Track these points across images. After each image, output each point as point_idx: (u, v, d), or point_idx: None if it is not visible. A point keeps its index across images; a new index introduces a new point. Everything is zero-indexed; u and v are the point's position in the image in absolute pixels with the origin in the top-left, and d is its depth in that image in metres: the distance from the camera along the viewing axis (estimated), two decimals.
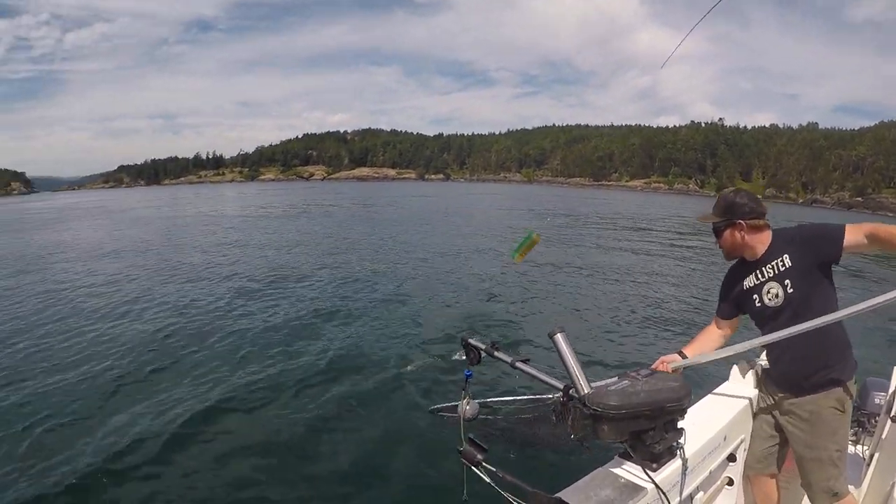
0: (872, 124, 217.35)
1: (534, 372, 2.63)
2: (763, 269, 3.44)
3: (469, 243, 27.24)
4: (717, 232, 3.57)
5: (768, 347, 3.63)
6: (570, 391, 2.44)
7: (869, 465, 4.11)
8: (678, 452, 2.59)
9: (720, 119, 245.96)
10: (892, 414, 3.31)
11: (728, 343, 3.75)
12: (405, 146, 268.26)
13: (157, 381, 9.53)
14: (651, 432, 2.38)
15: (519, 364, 2.69)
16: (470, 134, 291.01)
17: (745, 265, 3.56)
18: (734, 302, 3.69)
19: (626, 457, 2.56)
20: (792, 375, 3.48)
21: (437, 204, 68.64)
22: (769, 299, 3.43)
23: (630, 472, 2.50)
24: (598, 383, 2.38)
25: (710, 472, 3.20)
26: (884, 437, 3.84)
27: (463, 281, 17.82)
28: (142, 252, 24.45)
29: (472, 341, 2.90)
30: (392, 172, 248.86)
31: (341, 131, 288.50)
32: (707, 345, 3.75)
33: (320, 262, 20.40)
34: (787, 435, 3.56)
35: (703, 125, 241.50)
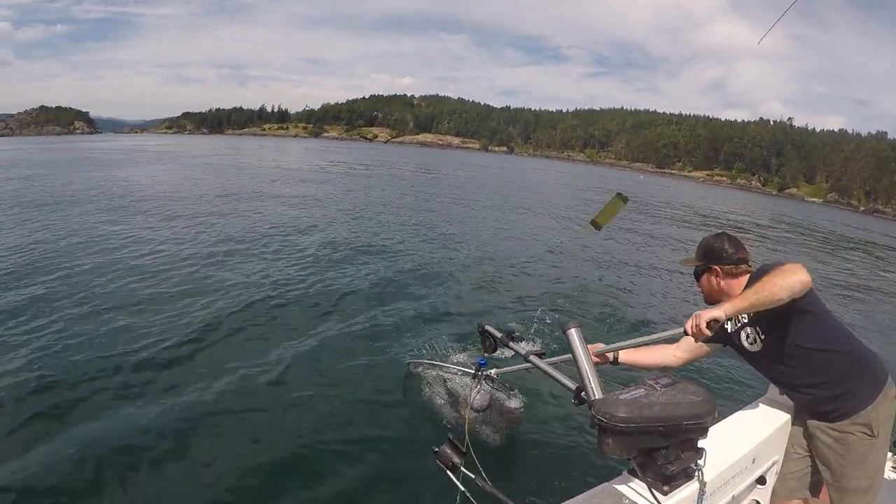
0: None
1: (547, 368, 2.60)
2: (742, 315, 3.31)
3: (523, 221, 26.99)
4: (696, 276, 3.53)
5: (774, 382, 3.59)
6: (582, 394, 2.40)
7: None
8: (696, 475, 2.33)
9: (789, 119, 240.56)
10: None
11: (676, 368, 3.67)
12: (471, 115, 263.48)
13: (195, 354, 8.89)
14: (664, 451, 2.15)
15: (532, 358, 2.66)
16: (537, 109, 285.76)
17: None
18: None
19: (636, 474, 2.34)
20: (808, 404, 3.34)
21: (499, 176, 67.89)
22: (749, 343, 3.37)
23: (637, 492, 2.31)
24: (619, 394, 2.17)
25: (734, 496, 3.03)
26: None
27: (513, 258, 17.62)
28: (206, 206, 24.13)
29: (488, 328, 2.89)
30: (456, 141, 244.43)
31: (408, 95, 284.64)
32: (651, 359, 3.72)
33: (367, 233, 19.92)
34: (818, 461, 3.37)
35: (771, 123, 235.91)
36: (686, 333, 2.80)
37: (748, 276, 3.34)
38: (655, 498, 2.22)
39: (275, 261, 14.62)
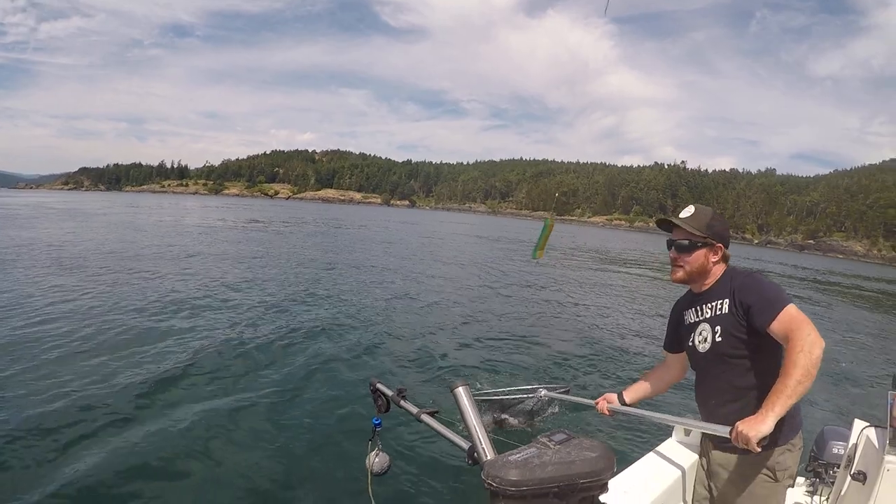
0: (827, 172, 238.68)
1: (439, 427, 2.45)
2: (703, 306, 3.14)
3: (429, 275, 26.07)
4: (687, 247, 3.12)
5: (696, 398, 3.32)
6: (475, 454, 2.20)
7: None
8: None
9: (682, 161, 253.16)
10: (852, 471, 3.16)
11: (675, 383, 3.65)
12: (373, 170, 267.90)
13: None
14: None
15: (424, 417, 2.51)
16: (438, 162, 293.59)
17: (690, 297, 3.28)
18: (677, 335, 3.41)
19: None
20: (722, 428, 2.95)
21: (402, 231, 67.89)
22: (699, 342, 3.14)
23: None
24: (509, 455, 1.94)
25: None
26: (843, 493, 3.60)
27: (417, 312, 17.00)
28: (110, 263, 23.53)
29: (379, 386, 2.76)
30: (358, 196, 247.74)
31: (309, 150, 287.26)
32: (651, 386, 3.65)
33: (258, 285, 19.52)
34: (717, 501, 3.23)
35: (665, 167, 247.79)
36: (735, 443, 2.64)
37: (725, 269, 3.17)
38: None
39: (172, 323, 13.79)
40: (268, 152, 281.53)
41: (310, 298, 17.37)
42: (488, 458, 2.06)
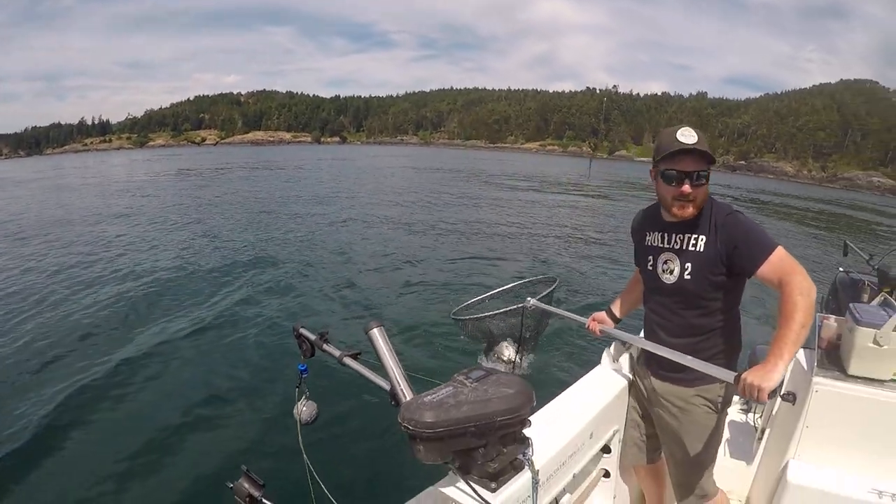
0: (757, 96, 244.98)
1: (361, 369, 2.36)
2: (674, 234, 2.90)
3: (365, 210, 26.49)
4: (705, 178, 2.78)
5: (644, 320, 3.22)
6: (396, 396, 2.17)
7: (760, 440, 4.18)
8: (525, 465, 2.15)
9: (615, 86, 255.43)
10: (782, 392, 2.99)
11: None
12: (301, 109, 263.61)
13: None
14: (482, 450, 1.97)
15: (347, 360, 2.41)
16: (367, 96, 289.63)
17: (656, 217, 3.04)
18: (636, 250, 3.23)
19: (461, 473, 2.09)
20: (664, 359, 2.98)
21: (333, 168, 67.42)
22: (663, 271, 2.96)
23: (465, 492, 2.08)
24: (424, 396, 1.96)
25: (576, 475, 2.94)
26: (774, 413, 3.83)
27: (341, 253, 17.06)
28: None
29: (303, 330, 2.60)
30: (287, 136, 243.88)
31: (235, 93, 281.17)
32: (634, 298, 3.51)
33: (187, 235, 19.64)
34: (657, 427, 3.27)
35: (597, 91, 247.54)
36: (742, 395, 2.58)
37: None
38: (483, 497, 2.02)
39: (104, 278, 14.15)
40: (192, 98, 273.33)
41: (238, 245, 17.72)
42: (407, 398, 2.07)
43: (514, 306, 6.26)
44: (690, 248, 2.82)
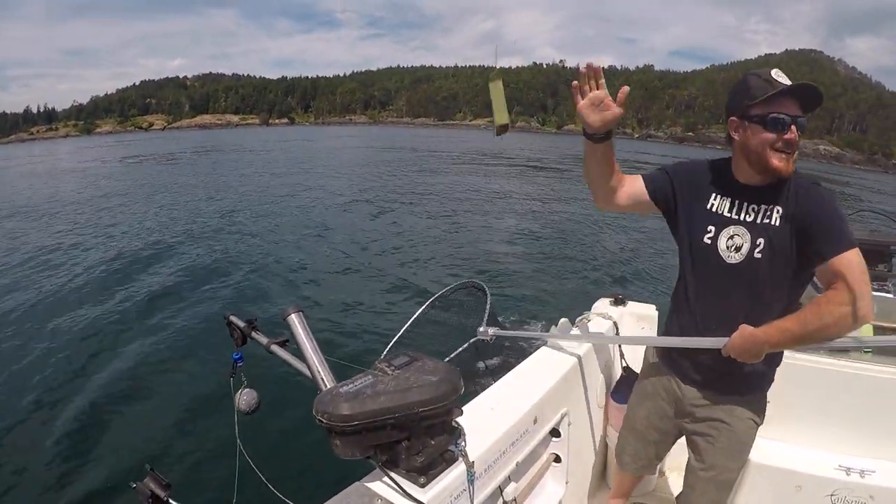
0: (704, 67, 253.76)
1: (288, 357, 2.30)
2: (746, 203, 2.42)
3: (302, 196, 25.76)
4: (803, 127, 2.29)
5: (680, 311, 2.67)
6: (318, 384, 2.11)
7: None
8: (458, 456, 2.05)
9: (562, 61, 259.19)
10: None
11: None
12: (248, 91, 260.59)
13: None
14: (405, 443, 1.87)
15: (274, 347, 2.35)
16: (314, 76, 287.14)
17: (729, 178, 2.49)
18: (677, 202, 2.59)
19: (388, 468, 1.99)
20: (713, 368, 2.57)
21: (282, 151, 66.54)
22: (727, 247, 2.42)
23: (393, 487, 1.95)
24: (340, 386, 1.85)
25: (520, 463, 2.69)
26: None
27: (285, 239, 16.59)
28: None
29: (233, 318, 2.55)
30: (235, 119, 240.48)
31: (181, 77, 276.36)
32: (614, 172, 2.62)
33: (130, 224, 19.07)
34: (688, 444, 2.80)
35: (544, 66, 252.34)
36: (728, 354, 2.26)
37: None
38: (410, 493, 1.90)
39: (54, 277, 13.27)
40: (137, 84, 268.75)
41: (176, 231, 17.37)
42: (327, 386, 1.99)
43: (464, 346, 5.91)
44: (765, 220, 2.36)
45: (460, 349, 5.04)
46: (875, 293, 3.46)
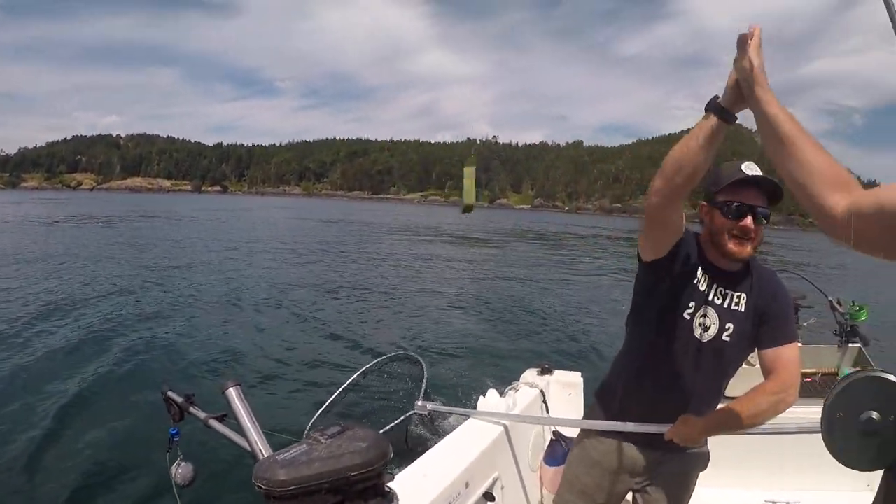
0: (630, 142, 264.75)
1: (226, 432, 2.24)
2: (722, 289, 2.48)
3: (234, 268, 24.93)
4: (765, 218, 2.40)
5: (638, 379, 2.68)
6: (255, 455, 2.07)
7: None
8: None
9: (494, 136, 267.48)
10: None
11: None
12: (182, 155, 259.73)
13: None
14: None
15: (212, 422, 2.30)
16: (250, 144, 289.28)
17: (704, 258, 2.49)
18: (678, 263, 2.44)
19: None
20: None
21: (214, 221, 66.03)
22: (699, 324, 2.46)
23: None
24: (278, 454, 1.72)
25: None
26: None
27: (224, 312, 15.66)
28: None
29: (170, 393, 2.48)
30: (167, 184, 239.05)
31: (114, 135, 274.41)
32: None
33: (48, 290, 16.74)
34: (640, 497, 2.79)
35: (478, 141, 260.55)
36: (670, 438, 2.38)
37: None
38: None
39: None
40: (69, 138, 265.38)
41: (105, 304, 16.18)
42: (264, 456, 1.95)
43: (400, 418, 5.56)
44: (733, 307, 2.47)
45: (396, 421, 5.53)
46: None
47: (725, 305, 2.44)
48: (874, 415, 0.78)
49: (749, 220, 2.33)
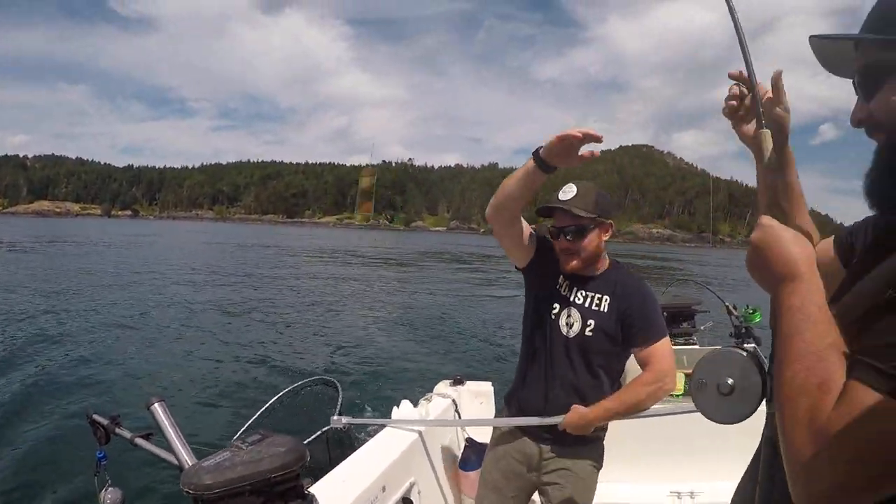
0: None
1: (154, 450, 2.32)
2: (581, 290, 2.82)
3: (150, 294, 24.49)
4: (579, 232, 2.73)
5: (527, 377, 2.99)
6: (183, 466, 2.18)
7: None
8: None
9: (410, 159, 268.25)
10: None
11: None
12: (91, 178, 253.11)
13: None
14: None
15: (138, 441, 2.37)
16: (162, 167, 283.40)
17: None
18: (543, 270, 2.90)
19: None
20: (557, 426, 2.80)
21: (126, 247, 64.83)
22: (564, 323, 2.80)
23: None
24: (203, 461, 1.97)
25: None
26: None
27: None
28: None
29: (95, 416, 2.50)
30: (76, 207, 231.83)
31: (21, 156, 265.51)
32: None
33: None
34: (540, 494, 2.99)
35: (393, 164, 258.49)
36: (565, 429, 2.66)
37: None
38: None
39: None
40: None
41: (15, 331, 15.97)
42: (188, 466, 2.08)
43: (317, 433, 5.68)
44: (595, 307, 2.77)
45: (313, 436, 5.16)
46: (684, 346, 4.21)
47: (587, 305, 2.76)
48: (729, 381, 1.12)
49: (562, 240, 2.72)
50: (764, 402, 1.11)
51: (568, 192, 2.72)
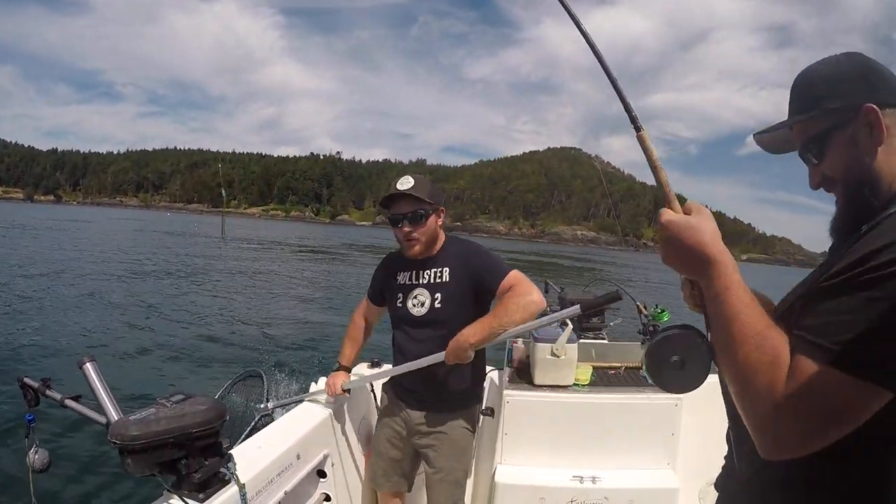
0: (473, 162, 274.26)
1: (82, 410, 2.36)
2: (421, 271, 3.00)
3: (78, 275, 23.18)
4: (419, 218, 2.86)
5: (395, 356, 3.18)
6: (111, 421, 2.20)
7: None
8: (230, 478, 2.26)
9: (338, 152, 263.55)
10: (482, 408, 3.32)
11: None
12: (14, 160, 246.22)
13: None
14: (185, 461, 2.11)
15: (68, 402, 2.39)
16: (87, 151, 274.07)
17: (405, 259, 3.05)
18: (383, 291, 3.22)
19: (173, 489, 2.17)
20: (420, 392, 3.08)
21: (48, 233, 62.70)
22: (413, 305, 2.99)
23: None
24: (130, 415, 2.03)
25: (288, 492, 2.85)
26: (480, 426, 3.54)
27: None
28: None
29: (26, 380, 2.51)
30: None
31: None
32: (360, 342, 3.52)
33: None
34: (422, 457, 3.18)
35: (321, 157, 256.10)
36: (448, 362, 2.75)
37: None
38: None
39: None
40: None
41: None
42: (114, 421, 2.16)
43: (252, 425, 4.35)
44: (437, 280, 2.94)
45: (248, 429, 4.46)
46: (594, 340, 4.39)
47: (433, 282, 2.96)
48: (675, 358, 1.21)
49: (403, 226, 2.87)
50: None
51: (405, 182, 2.86)
